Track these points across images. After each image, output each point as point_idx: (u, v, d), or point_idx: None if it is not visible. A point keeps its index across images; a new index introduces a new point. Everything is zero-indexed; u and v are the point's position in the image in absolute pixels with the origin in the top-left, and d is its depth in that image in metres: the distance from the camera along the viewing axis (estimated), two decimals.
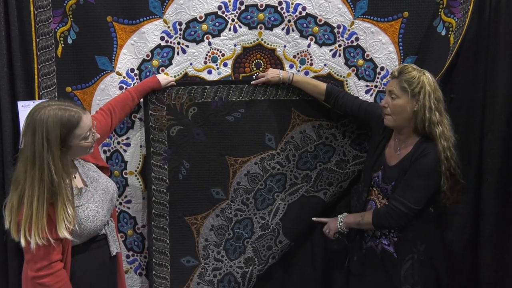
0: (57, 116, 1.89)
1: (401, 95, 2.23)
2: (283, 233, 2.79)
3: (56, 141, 1.88)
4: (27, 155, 1.87)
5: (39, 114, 1.88)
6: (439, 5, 2.63)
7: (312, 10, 2.66)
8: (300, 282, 2.92)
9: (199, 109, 2.72)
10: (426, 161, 2.17)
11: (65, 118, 1.91)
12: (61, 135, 1.90)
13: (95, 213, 2.05)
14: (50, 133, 1.86)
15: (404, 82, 2.22)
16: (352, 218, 2.41)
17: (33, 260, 1.91)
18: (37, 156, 1.85)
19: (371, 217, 2.28)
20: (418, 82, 2.20)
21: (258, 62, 2.73)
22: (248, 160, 2.77)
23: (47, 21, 2.62)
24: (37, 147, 1.85)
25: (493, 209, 2.68)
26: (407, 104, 2.22)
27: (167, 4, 2.63)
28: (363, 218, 2.32)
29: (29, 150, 1.87)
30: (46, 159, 1.85)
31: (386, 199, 2.32)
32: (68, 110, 1.94)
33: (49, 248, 1.90)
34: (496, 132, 2.63)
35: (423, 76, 2.21)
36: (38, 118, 1.87)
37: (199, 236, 2.80)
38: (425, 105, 2.18)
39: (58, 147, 1.89)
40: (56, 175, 1.87)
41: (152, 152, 2.72)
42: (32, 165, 1.86)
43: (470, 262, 2.79)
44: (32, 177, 1.86)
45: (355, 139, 2.79)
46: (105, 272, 2.19)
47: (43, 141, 1.85)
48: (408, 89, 2.21)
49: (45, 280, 1.91)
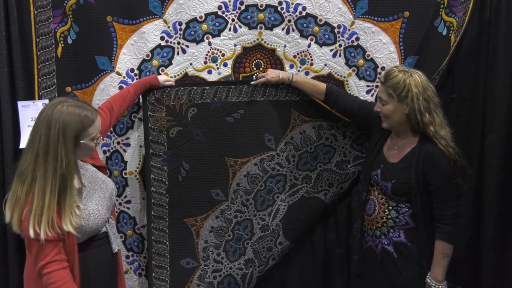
0: (75, 112, 1.94)
1: (388, 100, 2.25)
2: (283, 234, 2.78)
3: (71, 136, 1.91)
4: (39, 147, 1.89)
5: (56, 108, 1.92)
6: (440, 5, 2.63)
7: (312, 10, 2.66)
8: (301, 283, 2.91)
9: (199, 110, 2.71)
10: (442, 168, 2.18)
11: (83, 115, 1.95)
12: (77, 131, 1.93)
13: (95, 211, 2.06)
14: (67, 126, 1.90)
15: (389, 88, 2.23)
16: (439, 270, 2.22)
17: (38, 258, 1.91)
18: (51, 148, 1.88)
19: (447, 244, 2.20)
20: (404, 86, 2.20)
21: (258, 62, 2.73)
22: (248, 161, 2.76)
23: (47, 21, 2.63)
24: (52, 139, 1.88)
25: (494, 210, 2.67)
26: (396, 108, 2.23)
27: (167, 4, 2.64)
28: (444, 255, 2.21)
29: (42, 142, 1.89)
30: (60, 152, 1.88)
31: (386, 198, 2.31)
32: (85, 108, 1.99)
33: (54, 245, 1.91)
34: (497, 132, 2.62)
35: (409, 78, 2.21)
36: (56, 111, 1.91)
37: (199, 237, 2.79)
38: (414, 108, 2.19)
39: (72, 141, 1.92)
40: (68, 168, 1.90)
41: (152, 153, 2.72)
42: (44, 157, 1.88)
43: (471, 262, 2.77)
44: (45, 168, 1.88)
45: (355, 139, 2.78)
46: (107, 270, 2.19)
47: (59, 133, 1.88)
48: (393, 94, 2.22)
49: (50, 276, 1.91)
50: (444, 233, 2.20)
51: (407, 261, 2.26)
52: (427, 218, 2.24)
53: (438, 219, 2.21)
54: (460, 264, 2.75)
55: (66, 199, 1.91)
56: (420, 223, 2.24)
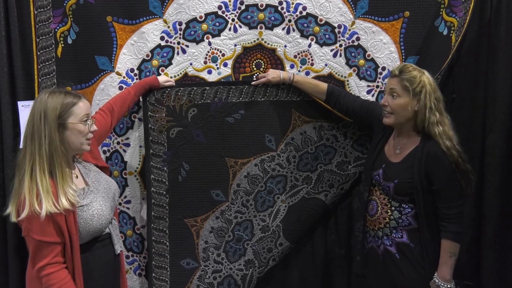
0: (56, 95, 1.99)
1: (402, 94, 2.23)
2: (283, 235, 2.78)
3: (53, 114, 1.94)
4: (26, 134, 1.94)
5: (39, 97, 2.00)
6: (441, 5, 2.63)
7: (313, 9, 2.66)
8: (301, 284, 2.91)
9: (199, 110, 2.71)
10: (445, 166, 2.17)
11: (64, 97, 2.00)
12: (59, 110, 1.96)
13: (99, 211, 2.06)
14: (49, 107, 1.94)
15: (406, 81, 2.22)
16: (447, 269, 2.21)
17: (37, 258, 1.91)
18: (35, 130, 1.92)
19: (453, 243, 2.20)
20: (419, 82, 2.20)
21: (258, 62, 2.73)
22: (248, 161, 2.75)
23: (47, 21, 2.63)
24: (35, 122, 1.93)
25: (495, 210, 2.67)
26: (408, 103, 2.22)
27: (167, 4, 2.64)
28: (451, 254, 2.21)
29: (28, 129, 1.94)
30: (43, 132, 1.92)
31: (388, 198, 2.30)
32: (68, 92, 2.04)
33: (53, 248, 1.91)
34: (498, 132, 2.63)
35: (423, 76, 2.22)
36: (39, 100, 1.98)
37: (199, 238, 2.79)
38: (426, 105, 2.19)
39: (55, 120, 1.94)
40: (51, 146, 1.92)
41: (152, 154, 2.71)
42: (30, 141, 1.92)
43: (471, 262, 2.77)
44: (31, 152, 1.91)
45: (356, 140, 2.78)
46: (110, 270, 2.19)
47: (41, 115, 1.93)
48: (410, 88, 2.21)
49: (48, 278, 1.91)
50: (450, 232, 2.20)
51: (409, 262, 2.26)
52: (430, 218, 2.24)
53: (443, 218, 2.21)
54: (460, 264, 2.75)
55: (58, 177, 1.92)
56: (422, 223, 2.23)
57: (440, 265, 2.22)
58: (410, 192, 2.23)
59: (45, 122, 1.92)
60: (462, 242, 2.24)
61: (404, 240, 2.28)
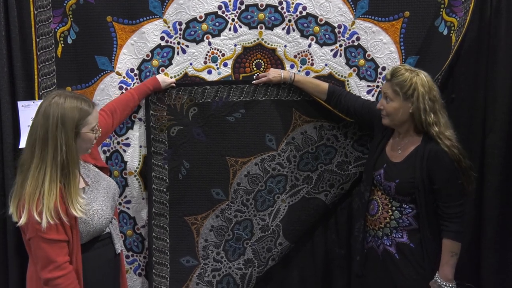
0: (73, 102, 1.96)
1: (394, 98, 2.25)
2: (283, 235, 2.78)
3: (71, 124, 1.92)
4: (37, 137, 1.90)
5: (53, 100, 1.94)
6: (441, 5, 2.62)
7: (313, 9, 2.65)
8: (301, 284, 2.91)
9: (200, 109, 2.71)
10: (446, 166, 2.18)
11: (81, 105, 1.97)
12: (76, 120, 1.94)
13: (99, 211, 2.06)
14: (67, 114, 1.92)
15: (396, 86, 2.23)
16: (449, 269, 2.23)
17: (44, 262, 1.90)
18: (49, 137, 1.89)
19: (455, 242, 2.21)
20: (410, 85, 2.20)
21: (258, 62, 2.73)
22: (249, 160, 2.76)
23: (47, 21, 2.63)
24: (51, 129, 1.89)
25: (495, 210, 2.66)
26: (401, 106, 2.24)
27: (167, 4, 2.63)
28: (453, 253, 2.22)
29: (40, 132, 1.90)
30: (59, 140, 1.89)
31: (389, 198, 2.31)
32: (83, 99, 2.01)
33: (57, 248, 1.90)
34: (498, 132, 2.62)
35: (416, 77, 2.22)
36: (53, 103, 1.93)
37: (199, 236, 2.79)
38: (420, 107, 2.20)
39: (73, 130, 1.93)
40: (69, 156, 1.91)
41: (153, 151, 2.72)
42: (43, 146, 1.89)
43: (472, 262, 2.77)
44: (43, 157, 1.89)
45: (357, 140, 2.78)
46: (110, 270, 2.20)
47: (58, 122, 1.89)
48: (400, 92, 2.22)
49: (59, 281, 1.90)
50: (451, 231, 2.20)
51: (409, 262, 2.26)
52: (431, 218, 2.24)
53: (444, 218, 2.22)
54: (461, 264, 2.75)
55: (71, 186, 1.92)
56: (424, 223, 2.24)
57: (441, 264, 2.23)
58: (412, 192, 2.24)
59: (62, 130, 1.90)
60: (463, 242, 2.25)
61: (404, 240, 2.28)
